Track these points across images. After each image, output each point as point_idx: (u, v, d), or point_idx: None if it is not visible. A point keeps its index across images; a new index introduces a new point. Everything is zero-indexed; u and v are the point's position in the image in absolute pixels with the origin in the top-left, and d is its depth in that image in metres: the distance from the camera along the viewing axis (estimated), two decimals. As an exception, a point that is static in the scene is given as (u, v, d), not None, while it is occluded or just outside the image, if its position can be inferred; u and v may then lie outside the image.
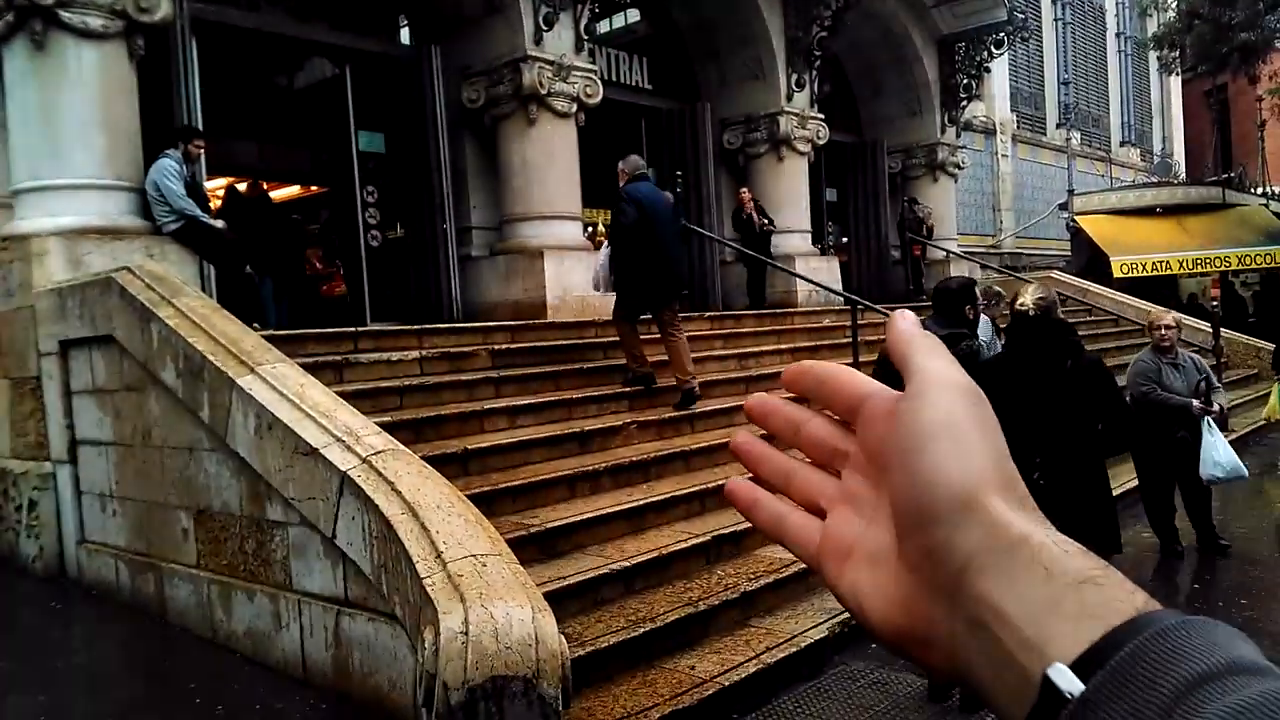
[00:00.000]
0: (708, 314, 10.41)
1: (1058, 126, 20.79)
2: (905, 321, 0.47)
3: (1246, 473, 6.23)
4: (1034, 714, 0.34)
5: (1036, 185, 19.30)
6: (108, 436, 5.81)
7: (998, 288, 6.70)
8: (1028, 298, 4.07)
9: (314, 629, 4.36)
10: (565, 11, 9.67)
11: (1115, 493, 7.58)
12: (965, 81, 15.57)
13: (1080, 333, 12.91)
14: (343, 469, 4.31)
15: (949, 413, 0.41)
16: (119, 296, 5.61)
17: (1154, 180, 21.04)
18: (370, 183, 9.93)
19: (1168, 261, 16.11)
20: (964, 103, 15.76)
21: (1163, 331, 6.31)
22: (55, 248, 6.37)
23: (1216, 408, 6.15)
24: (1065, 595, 0.35)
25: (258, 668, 4.56)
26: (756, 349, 9.04)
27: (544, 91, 9.46)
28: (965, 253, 15.67)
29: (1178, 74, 25.31)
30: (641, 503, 5.64)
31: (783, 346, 9.38)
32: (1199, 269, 16.60)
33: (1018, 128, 19.15)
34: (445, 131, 9.55)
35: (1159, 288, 17.09)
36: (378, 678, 4.09)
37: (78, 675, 4.70)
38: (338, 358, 6.51)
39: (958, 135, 15.81)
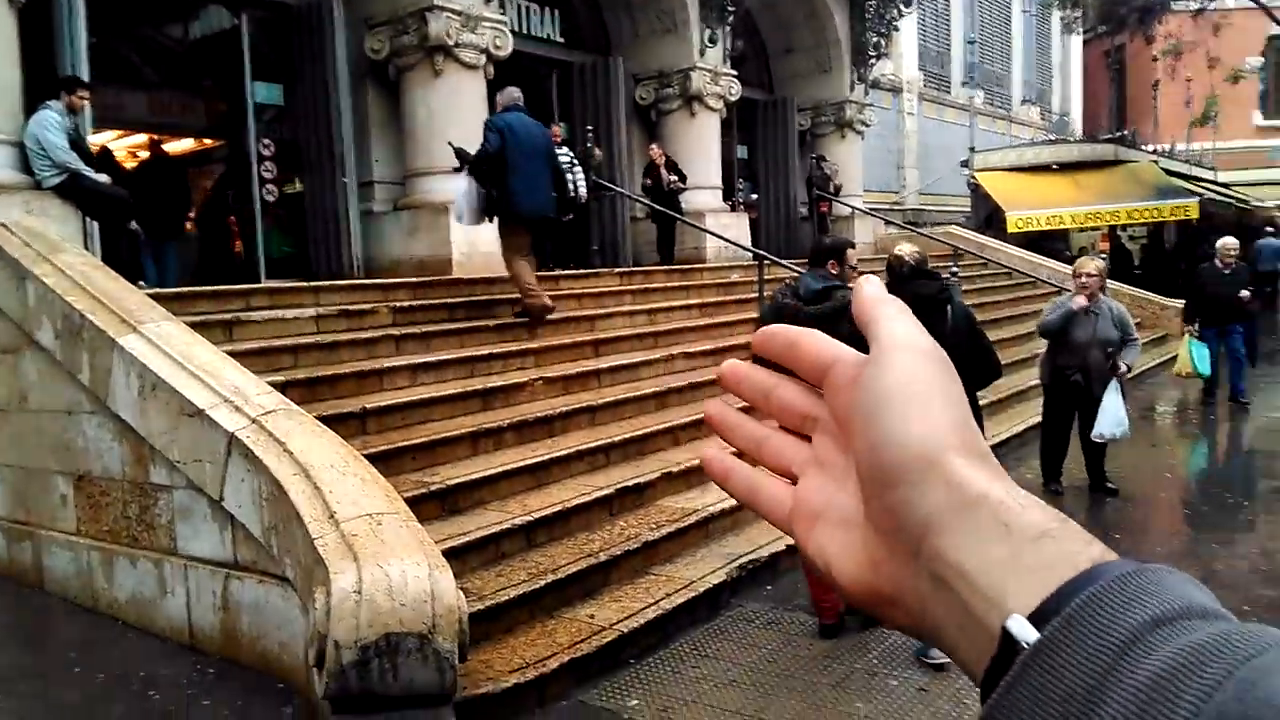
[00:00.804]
0: (618, 270, 10.38)
1: (962, 85, 21.23)
2: (871, 286, 0.47)
3: (1130, 431, 6.50)
4: (993, 665, 0.35)
5: (940, 143, 19.71)
6: (-21, 401, 5.52)
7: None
8: (904, 251, 4.52)
9: (201, 594, 4.26)
10: (473, -40, 9.40)
11: (1018, 430, 7.97)
12: (875, 40, 15.73)
13: (976, 285, 13.30)
14: (230, 430, 4.19)
15: (911, 375, 0.41)
16: (-9, 254, 5.32)
17: (1051, 139, 21.71)
18: (267, 135, 9.56)
19: (1061, 216, 16.71)
20: (873, 61, 15.93)
21: (1083, 279, 6.28)
22: (-80, 203, 5.98)
23: (1124, 367, 6.26)
24: (1023, 550, 0.36)
25: (141, 635, 4.44)
26: (666, 304, 9.06)
27: (451, 42, 9.21)
28: (870, 209, 15.94)
29: (1079, 34, 26.06)
30: (545, 458, 5.63)
31: (691, 302, 9.43)
32: (1090, 223, 17.27)
33: (924, 86, 19.48)
34: (347, 83, 9.24)
35: (1053, 242, 17.73)
36: (268, 641, 4.02)
37: (-50, 647, 4.52)
38: (228, 316, 6.30)
39: (866, 93, 16.00)
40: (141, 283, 6.52)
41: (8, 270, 5.33)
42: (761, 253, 9.85)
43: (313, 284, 7.43)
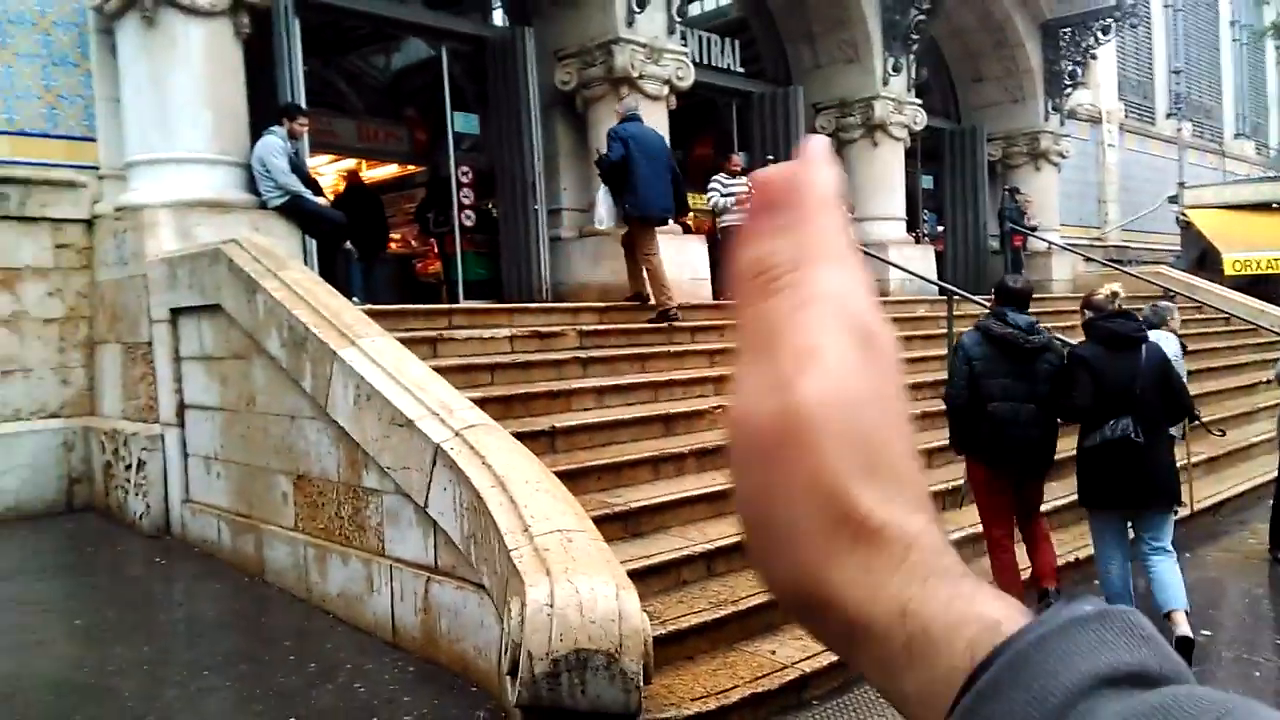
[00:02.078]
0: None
1: (1167, 116, 19.86)
2: (812, 174, 0.39)
3: None
4: None
5: (1144, 177, 18.47)
6: (214, 402, 6.06)
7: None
8: (1112, 291, 5.03)
9: (404, 594, 4.49)
10: (657, -7, 9.64)
11: (1240, 489, 7.28)
12: (1070, 68, 14.99)
13: (1189, 330, 12.39)
14: (436, 441, 4.41)
15: (839, 389, 0.36)
16: (227, 268, 5.83)
17: (1271, 175, 19.94)
18: (465, 163, 10.09)
19: (1285, 260, 15.27)
20: (1068, 90, 15.18)
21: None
22: (166, 219, 6.65)
23: None
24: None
25: (349, 629, 4.72)
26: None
27: (635, 74, 9.46)
28: (1068, 245, 15.13)
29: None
30: (724, 486, 5.61)
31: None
32: (1319, 268, 15.68)
33: (1125, 117, 18.35)
34: (538, 113, 9.63)
35: (1277, 287, 16.21)
36: (464, 644, 4.18)
37: (179, 627, 4.94)
38: (433, 333, 6.66)
39: (1061, 123, 15.25)
40: (355, 299, 7.00)
41: (240, 283, 5.81)
42: (950, 287, 9.51)
43: (507, 305, 7.77)
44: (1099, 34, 14.85)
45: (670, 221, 8.40)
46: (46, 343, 7.16)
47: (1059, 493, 5.99)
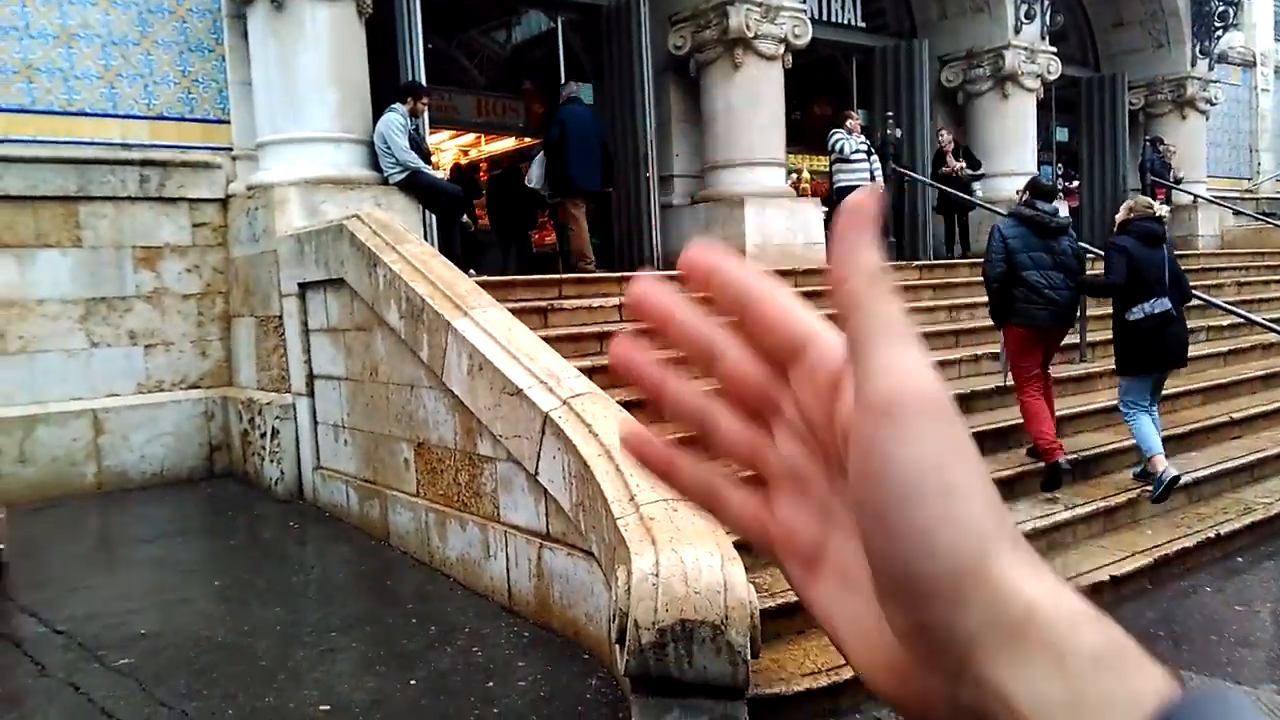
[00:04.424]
0: (917, 263, 9.94)
1: (1337, 53, 18.11)
2: (854, 252, 0.34)
3: None
4: None
5: (1305, 123, 16.96)
6: (340, 372, 6.32)
7: None
8: (1158, 207, 5.96)
9: (519, 560, 4.60)
10: (775, -51, 9.37)
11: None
12: (1221, 8, 13.85)
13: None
14: (545, 410, 4.46)
15: (936, 455, 0.31)
16: (349, 243, 6.04)
17: None
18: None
19: None
20: (1219, 32, 14.03)
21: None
22: (295, 196, 6.94)
23: None
24: (1081, 686, 0.29)
25: (468, 592, 4.87)
26: (969, 300, 8.54)
27: (751, 34, 9.26)
28: (1215, 197, 14.08)
29: None
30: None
31: (998, 299, 8.81)
32: None
33: (1284, 57, 16.85)
34: (651, 79, 9.56)
35: None
36: (575, 610, 4.25)
37: (309, 589, 5.20)
38: (543, 303, 6.75)
39: (1211, 68, 14.13)
40: (471, 270, 7.16)
41: (362, 257, 6.01)
42: (1086, 245, 8.97)
43: (616, 274, 7.79)
44: (1258, -33, 13.65)
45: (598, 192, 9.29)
46: (186, 316, 7.61)
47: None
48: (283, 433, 6.81)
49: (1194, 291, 7.26)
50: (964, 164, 11.09)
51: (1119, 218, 5.96)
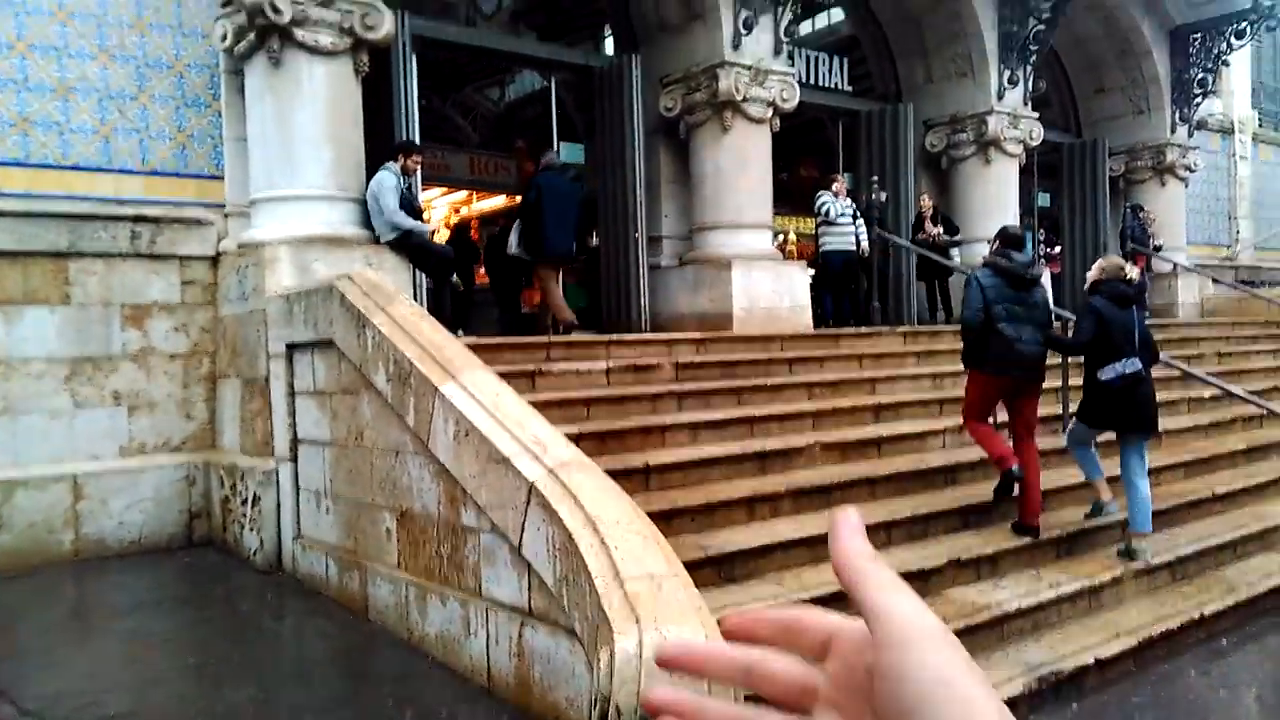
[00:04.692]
0: (900, 330, 10.02)
1: (1309, 125, 18.54)
2: (849, 543, 0.45)
3: None
4: None
5: (1280, 191, 17.29)
6: (325, 436, 6.28)
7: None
8: (1129, 269, 6.22)
9: (500, 637, 4.54)
10: (765, 14, 9.58)
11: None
12: (1200, 76, 14.19)
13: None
14: (530, 479, 4.43)
15: (945, 670, 0.39)
16: (339, 303, 6.04)
17: None
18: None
19: None
20: (1198, 100, 14.37)
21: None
22: (286, 255, 6.95)
23: None
24: None
25: (446, 672, 4.77)
26: (953, 369, 8.59)
27: (740, 97, 9.43)
28: (1195, 265, 14.30)
29: None
30: (821, 532, 5.50)
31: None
32: None
33: (1260, 126, 17.22)
34: (641, 140, 9.70)
35: None
36: (556, 694, 4.20)
37: (285, 667, 5.10)
38: (531, 367, 6.76)
39: (1190, 135, 14.44)
40: (460, 331, 7.17)
41: (351, 318, 6.00)
42: (1065, 313, 9.09)
43: (604, 338, 7.82)
44: (1232, 39, 14.01)
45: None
46: (171, 377, 7.54)
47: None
48: (264, 500, 6.71)
49: (1176, 362, 7.61)
50: (941, 229, 11.24)
51: (1090, 278, 6.16)
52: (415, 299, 7.25)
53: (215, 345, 7.64)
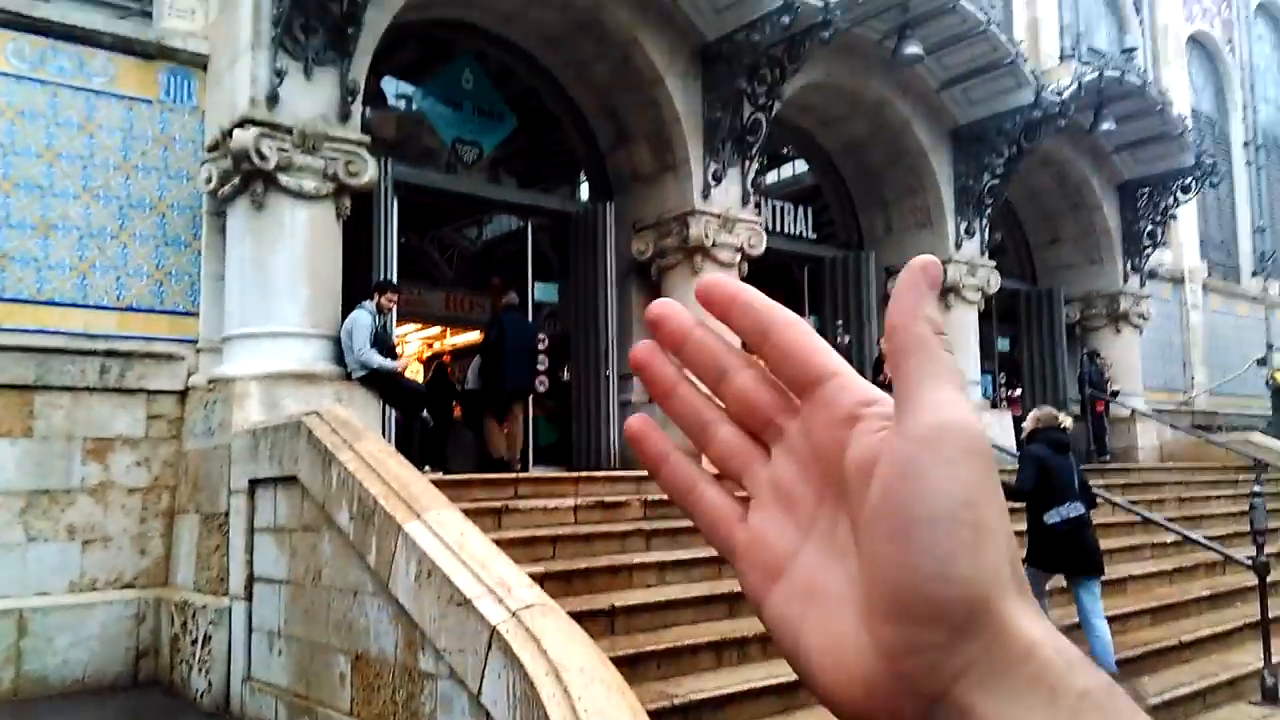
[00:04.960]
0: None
1: (1253, 275, 19.42)
2: (919, 303, 0.36)
3: None
4: None
5: (1231, 337, 17.89)
6: (282, 575, 6.13)
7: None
8: (1062, 418, 6.59)
9: (454, 792, 4.34)
10: (733, 167, 10.07)
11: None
12: (1149, 229, 14.92)
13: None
14: (493, 623, 4.34)
15: (970, 489, 0.33)
16: (306, 440, 6.02)
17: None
18: (542, 330, 10.44)
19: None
20: (1148, 250, 15.06)
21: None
22: (255, 391, 6.96)
23: None
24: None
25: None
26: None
27: (709, 243, 9.78)
28: (1152, 410, 14.63)
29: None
30: (791, 679, 5.37)
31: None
32: None
33: (1209, 276, 18.01)
34: (614, 281, 9.98)
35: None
36: None
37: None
38: (498, 504, 6.71)
39: (1142, 284, 15.04)
40: (427, 467, 7.13)
41: (317, 455, 5.98)
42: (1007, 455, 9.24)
43: (573, 474, 7.82)
44: (1179, 194, 14.80)
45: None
46: (129, 512, 7.39)
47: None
48: (215, 639, 6.48)
49: (1135, 508, 7.81)
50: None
51: (1026, 427, 6.44)
52: (384, 435, 7.24)
53: (176, 480, 7.53)
